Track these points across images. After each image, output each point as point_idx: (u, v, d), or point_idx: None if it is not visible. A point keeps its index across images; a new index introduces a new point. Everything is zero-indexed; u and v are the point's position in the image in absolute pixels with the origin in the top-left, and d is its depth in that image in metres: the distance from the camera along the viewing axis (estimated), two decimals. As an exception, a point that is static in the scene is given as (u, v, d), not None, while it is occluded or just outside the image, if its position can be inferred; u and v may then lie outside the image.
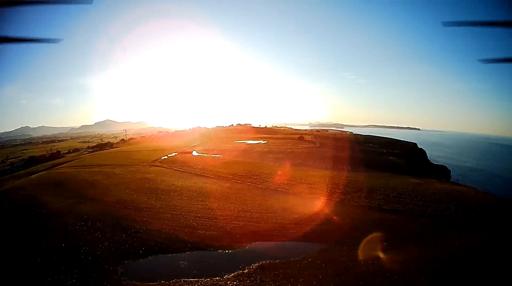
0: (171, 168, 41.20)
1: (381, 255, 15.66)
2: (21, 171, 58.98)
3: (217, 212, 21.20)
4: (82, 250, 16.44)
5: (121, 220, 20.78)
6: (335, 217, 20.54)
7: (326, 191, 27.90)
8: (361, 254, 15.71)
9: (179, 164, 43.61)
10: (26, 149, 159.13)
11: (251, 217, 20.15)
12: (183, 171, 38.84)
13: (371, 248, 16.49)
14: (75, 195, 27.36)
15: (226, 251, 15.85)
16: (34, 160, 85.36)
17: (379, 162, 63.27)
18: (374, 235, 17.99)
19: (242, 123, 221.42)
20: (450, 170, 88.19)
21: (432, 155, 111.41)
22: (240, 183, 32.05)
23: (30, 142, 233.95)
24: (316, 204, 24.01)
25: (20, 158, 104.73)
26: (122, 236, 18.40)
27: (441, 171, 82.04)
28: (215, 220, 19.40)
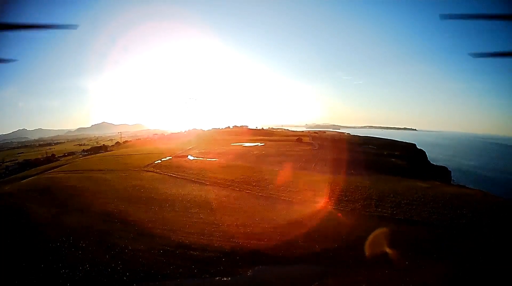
0: (164, 174, 38.74)
1: (406, 277, 13.42)
2: (15, 175, 57.26)
3: (214, 227, 18.75)
4: (61, 272, 14.26)
5: (105, 236, 18.49)
6: (347, 231, 18.21)
7: (333, 199, 25.61)
8: (383, 277, 13.44)
9: (173, 169, 41.17)
10: (22, 152, 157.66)
11: (252, 233, 17.70)
12: (176, 177, 36.37)
13: (394, 269, 14.25)
14: (61, 204, 25.28)
15: (225, 279, 13.36)
16: (28, 164, 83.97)
17: (381, 164, 61.65)
18: (394, 251, 15.76)
19: (239, 125, 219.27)
20: (450, 171, 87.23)
21: (431, 155, 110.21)
22: (238, 190, 29.59)
23: (26, 145, 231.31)
24: (324, 215, 21.68)
25: (16, 161, 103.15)
26: (105, 256, 16.04)
27: (442, 173, 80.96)
28: (211, 238, 16.95)
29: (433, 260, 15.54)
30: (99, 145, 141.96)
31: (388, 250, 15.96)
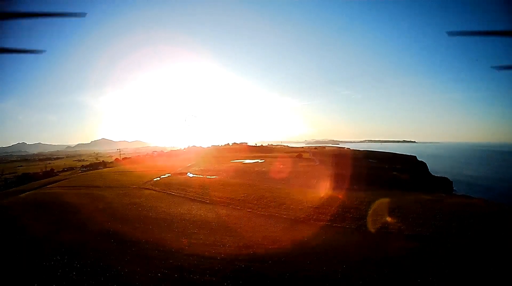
0: (163, 192, 37.93)
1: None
2: (13, 188, 57.18)
3: (214, 248, 17.84)
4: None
5: (101, 256, 17.50)
6: (355, 250, 17.34)
7: (338, 216, 24.80)
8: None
9: (172, 187, 40.42)
10: (21, 166, 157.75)
11: (255, 254, 16.80)
12: (175, 195, 35.54)
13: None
14: (57, 221, 24.48)
15: (226, 305, 12.45)
16: (27, 177, 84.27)
17: (383, 178, 61.11)
18: (405, 270, 14.87)
19: (238, 142, 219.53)
20: (452, 182, 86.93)
21: (431, 167, 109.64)
22: (239, 209, 28.73)
23: (26, 159, 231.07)
24: (329, 233, 20.83)
25: (15, 174, 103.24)
26: (100, 278, 15.03)
27: (443, 183, 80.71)
28: (211, 260, 16.02)
29: (445, 278, 14.65)
30: (98, 161, 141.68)
31: (402, 270, 15.09)
